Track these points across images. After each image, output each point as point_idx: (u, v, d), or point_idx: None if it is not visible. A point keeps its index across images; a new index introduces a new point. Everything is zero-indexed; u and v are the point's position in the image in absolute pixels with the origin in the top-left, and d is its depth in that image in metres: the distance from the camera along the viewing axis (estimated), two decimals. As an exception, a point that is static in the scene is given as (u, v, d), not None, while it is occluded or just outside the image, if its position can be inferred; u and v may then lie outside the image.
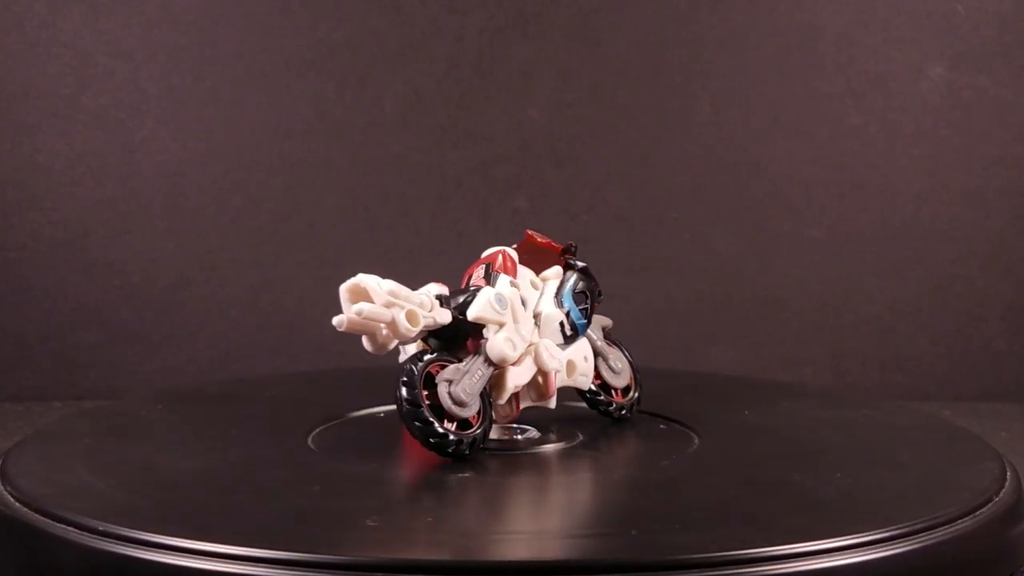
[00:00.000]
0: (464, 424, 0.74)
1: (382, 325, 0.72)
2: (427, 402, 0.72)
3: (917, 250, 1.42)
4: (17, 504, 0.67)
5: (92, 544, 0.61)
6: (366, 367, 0.96)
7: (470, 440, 0.74)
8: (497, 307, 0.75)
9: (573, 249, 0.83)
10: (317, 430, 0.83)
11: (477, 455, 0.76)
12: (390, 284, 0.73)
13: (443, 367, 0.74)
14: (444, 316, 0.74)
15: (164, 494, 0.68)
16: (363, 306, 0.71)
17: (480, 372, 0.75)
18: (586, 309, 0.82)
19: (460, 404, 0.74)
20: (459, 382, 0.74)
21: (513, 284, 0.77)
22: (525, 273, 0.79)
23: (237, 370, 1.40)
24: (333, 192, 1.42)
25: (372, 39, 1.40)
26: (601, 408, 0.85)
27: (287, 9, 1.40)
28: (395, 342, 0.74)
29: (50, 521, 0.64)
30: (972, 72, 1.40)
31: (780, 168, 1.42)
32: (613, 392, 0.86)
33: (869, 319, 1.43)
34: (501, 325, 0.75)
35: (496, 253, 0.78)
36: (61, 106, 1.38)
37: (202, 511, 0.65)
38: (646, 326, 1.44)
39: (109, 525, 0.61)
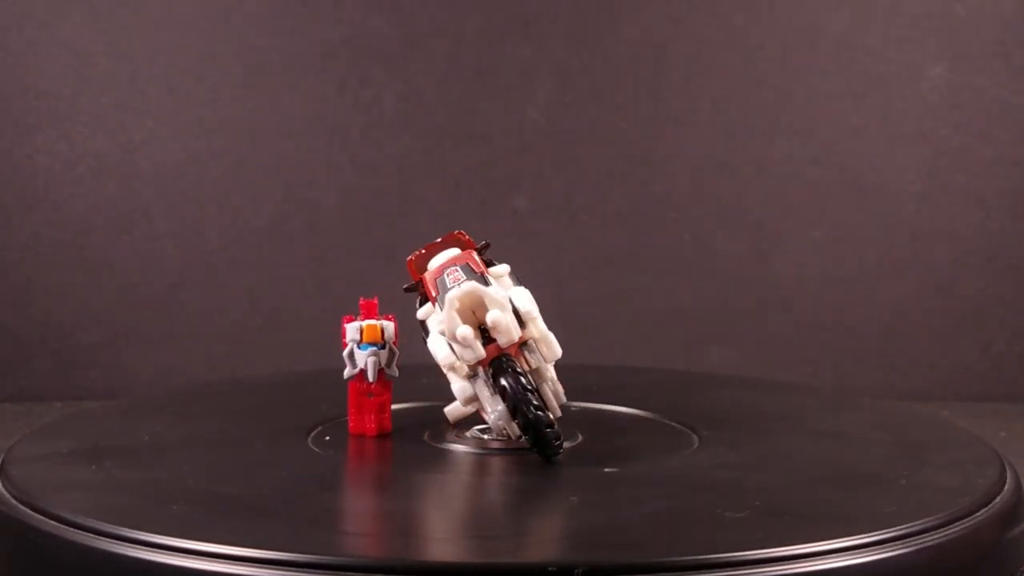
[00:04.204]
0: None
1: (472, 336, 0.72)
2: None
3: (917, 250, 1.42)
4: (17, 504, 0.67)
5: (92, 544, 0.61)
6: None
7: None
8: None
9: (486, 248, 0.81)
10: (317, 430, 0.83)
11: (477, 456, 0.76)
12: (498, 291, 0.73)
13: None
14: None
15: (164, 494, 0.68)
16: (496, 314, 0.71)
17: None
18: None
19: (559, 402, 0.75)
20: (552, 382, 0.75)
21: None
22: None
23: (237, 370, 1.40)
24: (333, 192, 1.42)
25: (372, 39, 1.40)
26: None
27: (287, 9, 1.40)
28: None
29: (50, 521, 0.64)
30: (972, 72, 1.40)
31: (780, 168, 1.42)
32: None
33: (869, 319, 1.43)
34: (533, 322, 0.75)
35: (468, 254, 0.78)
36: (61, 106, 1.38)
37: (202, 511, 0.65)
38: (646, 326, 1.44)
39: (109, 525, 0.61)
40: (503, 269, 0.79)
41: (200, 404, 0.93)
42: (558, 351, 0.75)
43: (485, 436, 0.79)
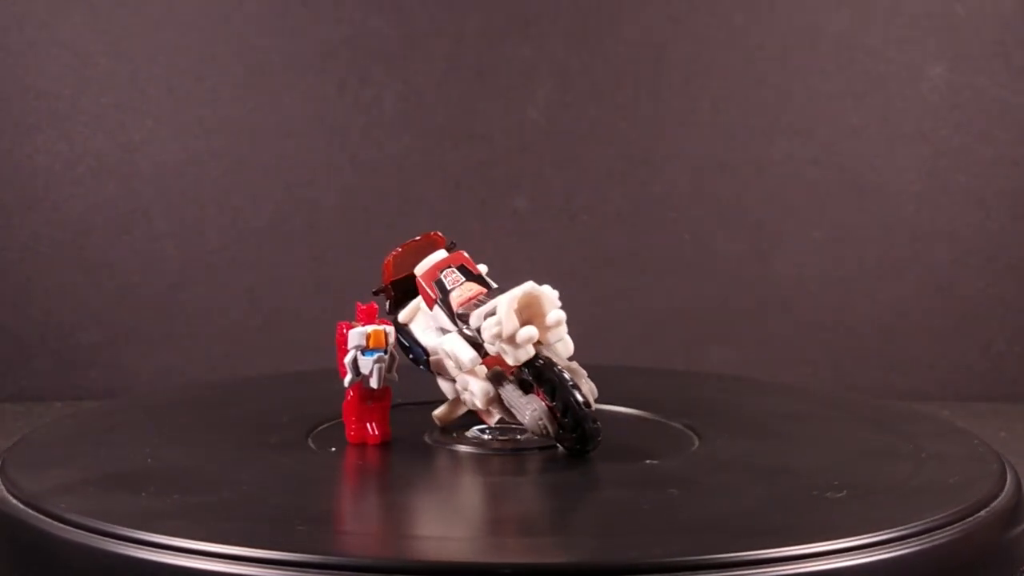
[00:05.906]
0: None
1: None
2: None
3: (917, 250, 1.42)
4: (17, 504, 0.67)
5: (92, 544, 0.61)
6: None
7: None
8: None
9: (452, 248, 0.81)
10: (317, 430, 0.83)
11: (481, 456, 0.76)
12: (551, 290, 0.74)
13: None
14: None
15: (164, 494, 0.68)
16: (560, 314, 0.72)
17: None
18: None
19: (593, 398, 0.76)
20: (587, 379, 0.75)
21: None
22: None
23: (237, 370, 1.40)
24: (333, 192, 1.42)
25: (372, 39, 1.40)
26: None
27: (287, 9, 1.40)
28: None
29: (50, 521, 0.64)
30: (972, 72, 1.40)
31: (780, 168, 1.42)
32: None
33: (869, 319, 1.43)
34: None
35: (460, 255, 0.78)
36: (61, 106, 1.38)
37: (202, 511, 0.65)
38: (646, 326, 1.44)
39: (109, 525, 0.61)
40: (481, 269, 0.79)
41: (200, 403, 0.93)
42: (571, 347, 0.75)
43: (486, 436, 0.79)
